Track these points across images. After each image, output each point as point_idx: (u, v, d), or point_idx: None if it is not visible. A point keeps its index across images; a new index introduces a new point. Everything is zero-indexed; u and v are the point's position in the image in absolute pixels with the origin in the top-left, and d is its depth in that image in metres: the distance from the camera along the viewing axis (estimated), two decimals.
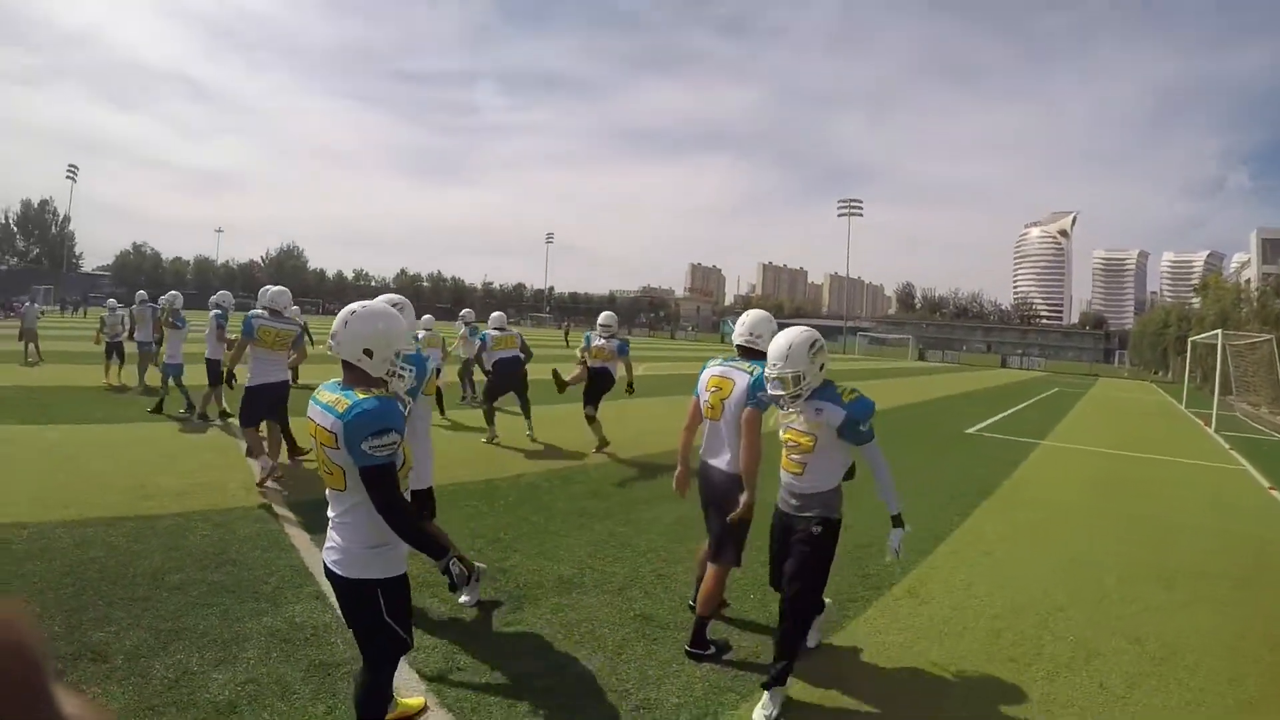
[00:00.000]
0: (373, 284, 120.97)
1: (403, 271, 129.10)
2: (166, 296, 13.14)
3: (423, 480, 4.72)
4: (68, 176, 78.42)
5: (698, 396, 4.63)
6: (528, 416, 11.22)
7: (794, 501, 4.02)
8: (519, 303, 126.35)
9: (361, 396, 2.85)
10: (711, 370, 4.62)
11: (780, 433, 4.08)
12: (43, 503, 6.61)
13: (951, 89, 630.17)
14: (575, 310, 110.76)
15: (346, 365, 3.04)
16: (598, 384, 10.56)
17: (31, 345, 19.14)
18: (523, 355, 11.18)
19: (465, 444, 10.82)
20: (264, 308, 8.34)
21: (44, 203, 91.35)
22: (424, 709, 3.61)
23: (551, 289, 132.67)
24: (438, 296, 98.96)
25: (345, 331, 3.02)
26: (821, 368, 3.92)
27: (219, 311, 11.25)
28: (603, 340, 10.54)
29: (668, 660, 4.29)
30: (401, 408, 3.01)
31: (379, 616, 2.95)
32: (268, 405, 8.07)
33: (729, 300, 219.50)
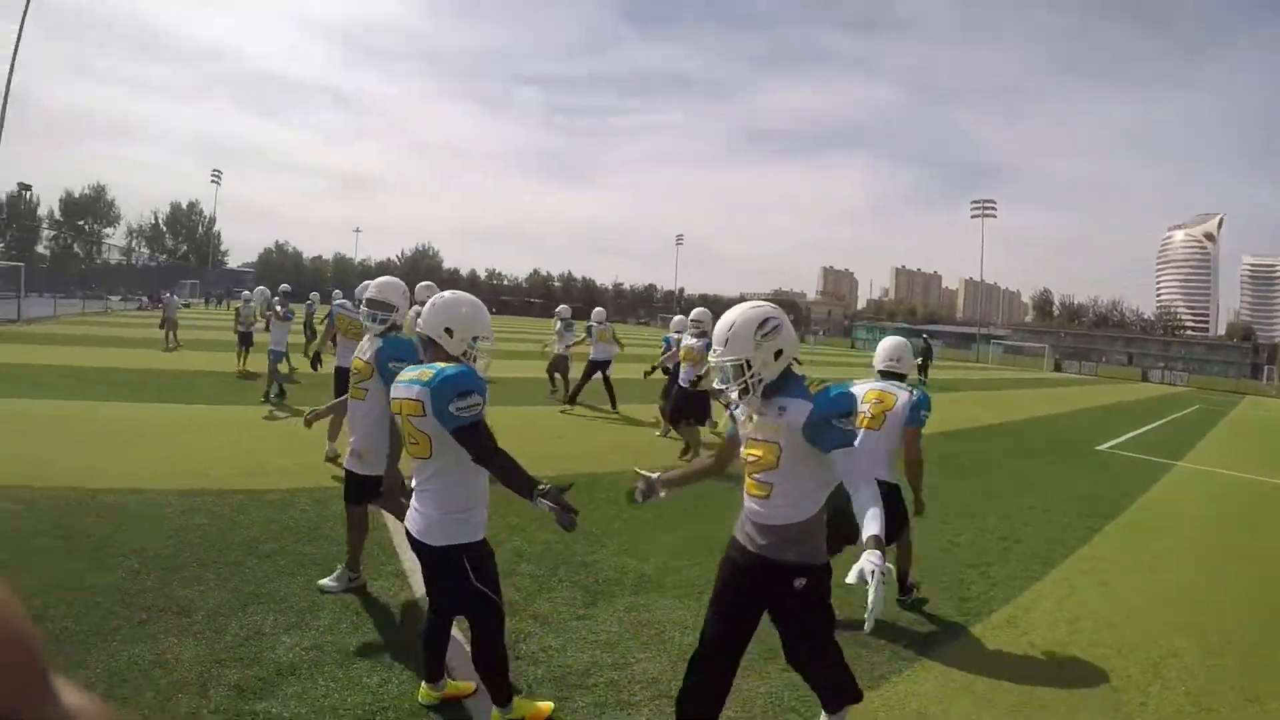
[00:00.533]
0: (505, 283, 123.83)
1: (535, 271, 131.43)
2: (262, 291, 14.43)
3: (376, 467, 4.66)
4: (212, 180, 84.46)
5: None
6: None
7: (761, 540, 3.02)
8: (649, 304, 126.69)
9: (444, 365, 3.14)
10: (869, 385, 5.17)
11: (741, 448, 3.15)
12: (160, 472, 7.06)
13: (1087, 83, 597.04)
14: None
15: (430, 343, 3.31)
16: (696, 402, 9.71)
17: (172, 333, 20.71)
18: None
19: (582, 438, 10.92)
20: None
21: (191, 204, 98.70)
22: (474, 693, 3.62)
23: (682, 290, 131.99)
24: (569, 296, 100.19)
25: (431, 310, 3.32)
26: (778, 355, 2.97)
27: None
28: (694, 339, 9.83)
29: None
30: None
31: (468, 581, 3.15)
32: (340, 389, 8.51)
33: (861, 304, 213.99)
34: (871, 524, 2.72)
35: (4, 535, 5.20)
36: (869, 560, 2.60)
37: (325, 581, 4.75)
